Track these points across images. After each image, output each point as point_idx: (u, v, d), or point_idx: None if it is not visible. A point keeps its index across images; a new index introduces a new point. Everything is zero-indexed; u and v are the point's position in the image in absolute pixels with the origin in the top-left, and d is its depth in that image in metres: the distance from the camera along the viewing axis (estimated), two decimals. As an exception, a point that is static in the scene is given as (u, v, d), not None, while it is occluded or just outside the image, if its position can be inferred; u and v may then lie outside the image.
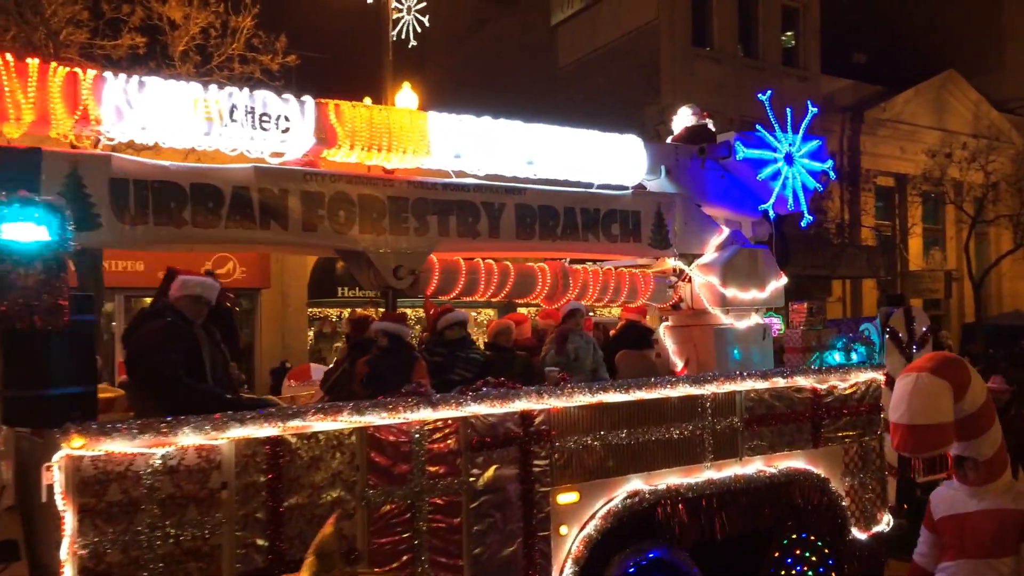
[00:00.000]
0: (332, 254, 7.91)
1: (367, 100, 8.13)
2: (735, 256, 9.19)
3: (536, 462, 6.91)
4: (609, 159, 8.79)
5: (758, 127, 9.60)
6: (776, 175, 9.54)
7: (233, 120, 7.01)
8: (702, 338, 9.32)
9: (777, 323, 10.69)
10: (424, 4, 22.83)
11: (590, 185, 8.83)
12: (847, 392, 8.62)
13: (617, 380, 8.09)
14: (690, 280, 9.33)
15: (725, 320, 9.21)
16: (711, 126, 10.13)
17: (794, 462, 8.27)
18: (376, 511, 6.24)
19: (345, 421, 6.11)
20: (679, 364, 9.49)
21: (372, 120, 7.57)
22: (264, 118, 7.14)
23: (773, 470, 8.09)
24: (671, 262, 9.36)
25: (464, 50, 37.40)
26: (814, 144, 9.87)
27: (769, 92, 9.71)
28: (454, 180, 8.03)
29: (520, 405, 6.84)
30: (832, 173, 10.04)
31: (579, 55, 33.88)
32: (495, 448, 6.75)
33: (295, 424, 5.93)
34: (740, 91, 30.15)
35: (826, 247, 29.86)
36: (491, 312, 23.97)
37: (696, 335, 9.42)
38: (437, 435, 6.51)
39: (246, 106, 7.07)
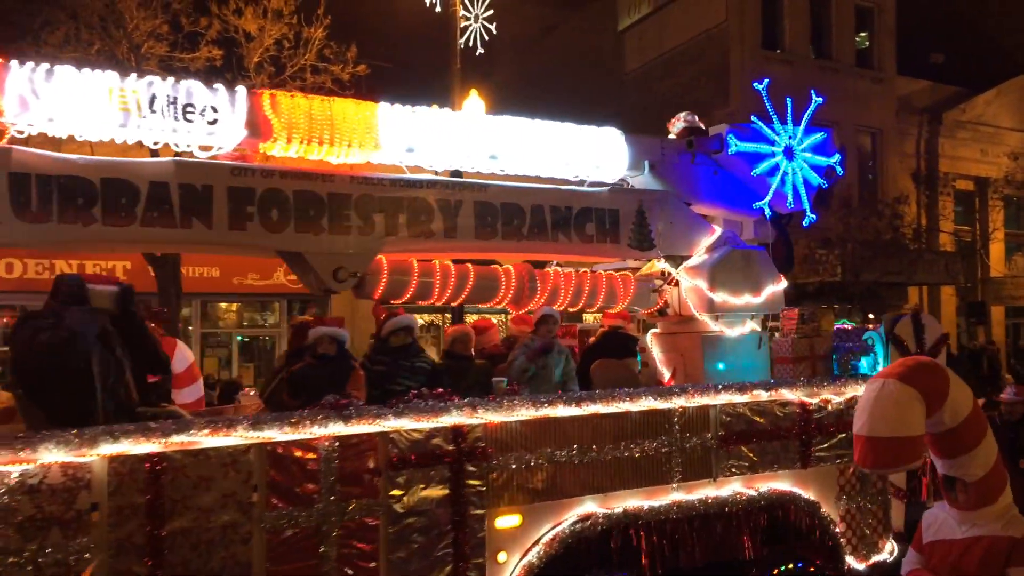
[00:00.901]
0: (265, 255, 7.41)
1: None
2: (726, 258, 8.45)
3: (470, 482, 6.31)
4: (584, 154, 8.15)
5: (753, 118, 8.85)
6: (774, 170, 8.78)
7: (152, 111, 6.58)
8: (689, 346, 8.60)
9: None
10: (491, 12, 23.10)
11: (565, 182, 8.21)
12: (842, 407, 7.85)
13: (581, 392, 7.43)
14: (677, 284, 8.62)
15: (714, 327, 8.48)
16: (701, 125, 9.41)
17: (779, 484, 7.54)
18: (276, 535, 5.69)
19: (240, 436, 5.58)
20: (667, 374, 8.78)
21: (312, 112, 7.08)
22: (188, 109, 6.69)
23: (753, 492, 7.37)
24: (660, 264, 8.66)
25: (531, 56, 37.20)
26: (818, 137, 9.09)
27: (767, 81, 8.95)
28: (404, 176, 7.49)
29: (451, 419, 6.24)
30: (839, 168, 9.21)
31: (646, 60, 33.28)
32: (421, 466, 6.16)
33: (180, 439, 5.41)
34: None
35: (902, 252, 28.58)
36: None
37: (683, 343, 8.70)
38: (350, 452, 5.95)
39: (168, 96, 6.63)
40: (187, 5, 17.56)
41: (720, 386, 7.30)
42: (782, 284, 8.79)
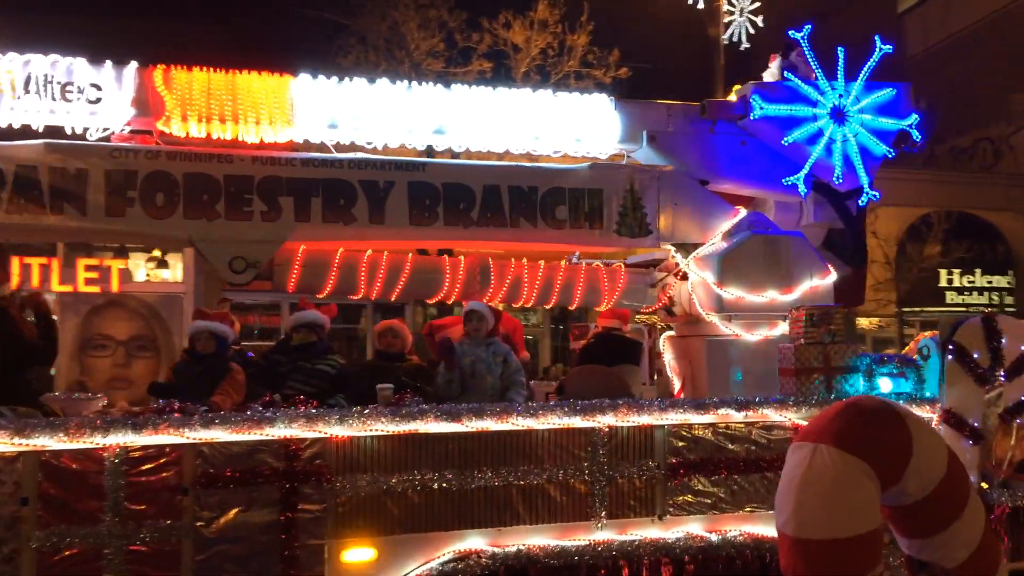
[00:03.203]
0: (152, 243, 6.86)
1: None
2: (741, 246, 6.96)
3: (305, 506, 5.38)
4: (559, 125, 6.99)
5: (788, 75, 7.26)
6: (816, 137, 7.16)
7: (27, 91, 6.20)
8: (696, 353, 7.16)
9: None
10: (757, 4, 22.54)
11: (536, 158, 7.10)
12: (862, 433, 6.17)
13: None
14: (685, 277, 7.21)
15: (726, 330, 6.99)
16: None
17: (757, 527, 5.97)
18: (48, 557, 5.04)
19: (6, 443, 4.99)
20: (677, 384, 7.39)
21: (211, 86, 6.45)
22: (68, 88, 6.27)
23: (715, 537, 5.89)
24: (678, 257, 7.29)
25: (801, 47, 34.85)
26: (885, 95, 7.34)
27: (808, 27, 7.29)
28: (318, 155, 6.70)
29: (280, 431, 5.34)
30: (916, 132, 7.37)
31: (930, 43, 30.21)
32: (239, 485, 5.30)
33: (-72, 444, 4.90)
34: None
35: None
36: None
37: (692, 348, 7.27)
38: (146, 465, 5.19)
39: (45, 75, 6.24)
40: (460, 23, 19.07)
41: (667, 402, 5.89)
42: (829, 278, 7.14)
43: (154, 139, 6.54)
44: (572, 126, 7.01)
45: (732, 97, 16.89)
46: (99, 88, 6.30)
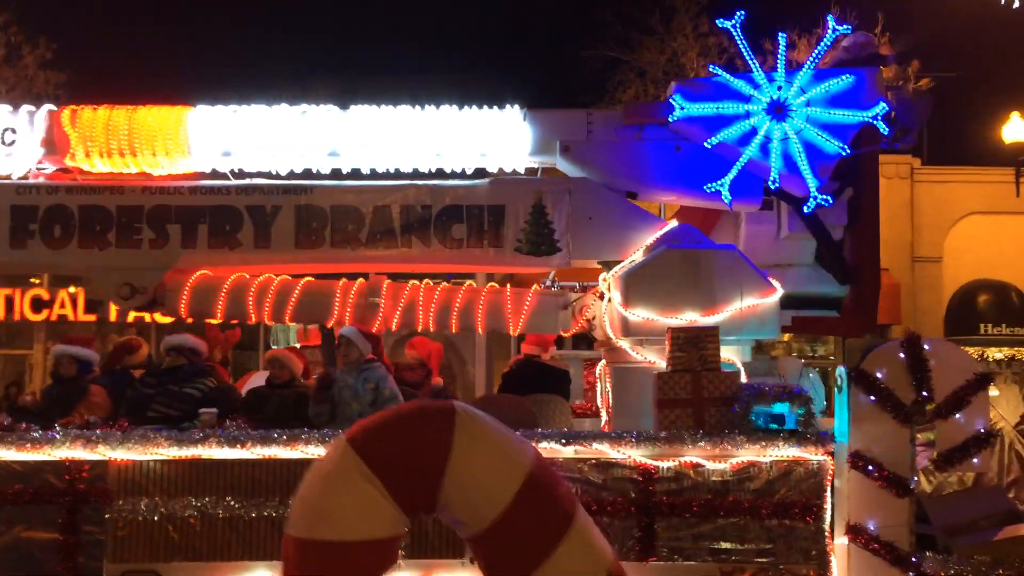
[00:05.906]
0: (54, 271, 7.12)
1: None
2: (653, 262, 6.14)
3: (85, 528, 5.37)
4: (462, 140, 6.60)
5: (713, 68, 6.38)
6: (750, 136, 6.22)
7: (-45, 140, 6.75)
8: (611, 382, 6.41)
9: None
10: None
11: (441, 175, 6.74)
12: (727, 477, 5.24)
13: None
14: (602, 297, 6.50)
15: (637, 356, 6.18)
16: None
17: (590, 578, 5.21)
18: None
19: None
20: (604, 416, 6.66)
21: (110, 122, 6.69)
22: (-12, 134, 6.75)
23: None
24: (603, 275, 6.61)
25: None
26: (841, 83, 6.23)
27: (740, 14, 6.34)
28: (207, 183, 6.75)
29: (63, 452, 5.38)
30: (883, 125, 6.18)
31: None
32: (21, 503, 5.39)
33: None
34: None
35: None
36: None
37: (610, 377, 6.51)
38: (-65, 480, 5.42)
39: (-30, 124, 6.76)
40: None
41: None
42: (772, 296, 6.12)
43: (70, 176, 6.86)
44: (477, 141, 6.57)
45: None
46: (14, 131, 6.72)
